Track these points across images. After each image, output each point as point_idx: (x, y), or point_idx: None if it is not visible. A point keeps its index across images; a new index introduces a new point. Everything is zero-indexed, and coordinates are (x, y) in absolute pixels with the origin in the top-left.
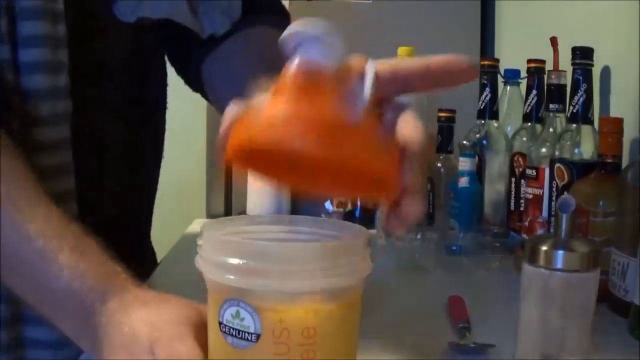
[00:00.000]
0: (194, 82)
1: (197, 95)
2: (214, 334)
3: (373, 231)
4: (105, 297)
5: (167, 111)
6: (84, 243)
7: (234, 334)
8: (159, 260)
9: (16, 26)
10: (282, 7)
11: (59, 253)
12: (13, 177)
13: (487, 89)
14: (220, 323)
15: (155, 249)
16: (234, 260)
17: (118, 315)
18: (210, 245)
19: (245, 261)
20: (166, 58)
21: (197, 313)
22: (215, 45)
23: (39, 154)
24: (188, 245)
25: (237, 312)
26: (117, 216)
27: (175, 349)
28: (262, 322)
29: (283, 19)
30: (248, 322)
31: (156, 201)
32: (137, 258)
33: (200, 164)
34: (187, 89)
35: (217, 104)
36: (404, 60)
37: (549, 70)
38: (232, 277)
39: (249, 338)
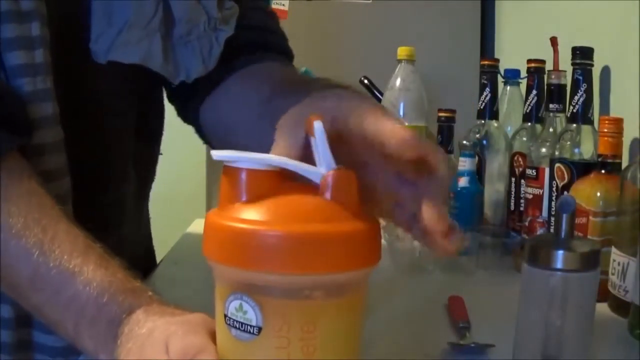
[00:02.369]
0: (192, 121)
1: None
2: (220, 327)
3: None
4: (131, 310)
5: (166, 112)
6: (107, 261)
7: (237, 326)
8: (157, 261)
9: (2, 56)
10: (288, 48)
11: (85, 268)
12: (34, 197)
13: (487, 89)
14: (225, 316)
15: (155, 248)
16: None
17: (141, 322)
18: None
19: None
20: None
21: (212, 322)
22: (214, 85)
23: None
24: (188, 246)
25: (241, 306)
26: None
27: (188, 341)
28: (264, 316)
29: (287, 58)
30: (250, 316)
31: (156, 201)
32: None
33: (200, 164)
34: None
35: (214, 144)
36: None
37: (549, 70)
38: (236, 271)
39: (252, 331)
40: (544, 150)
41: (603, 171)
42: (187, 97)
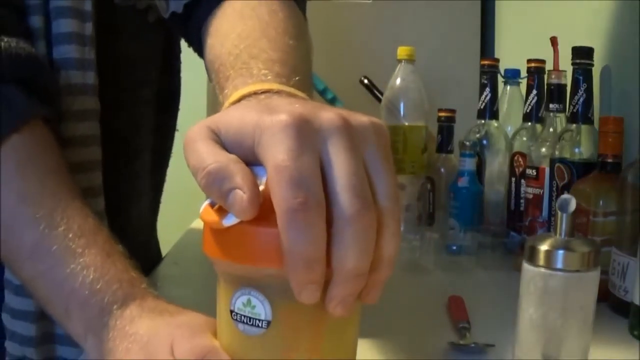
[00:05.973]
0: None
1: (197, 94)
2: (225, 322)
3: None
4: (125, 302)
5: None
6: (111, 247)
7: (245, 321)
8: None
9: (50, 24)
10: None
11: (87, 251)
12: (55, 168)
13: (487, 89)
14: (231, 311)
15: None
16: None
17: (136, 320)
18: None
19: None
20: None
21: (213, 323)
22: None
23: (68, 149)
24: (189, 244)
25: (249, 301)
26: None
27: (195, 342)
28: (273, 310)
29: None
30: (259, 310)
31: None
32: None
33: None
34: (186, 88)
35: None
36: None
37: (549, 70)
38: (242, 267)
39: (260, 325)
40: (544, 150)
41: (603, 171)
42: (193, 30)
